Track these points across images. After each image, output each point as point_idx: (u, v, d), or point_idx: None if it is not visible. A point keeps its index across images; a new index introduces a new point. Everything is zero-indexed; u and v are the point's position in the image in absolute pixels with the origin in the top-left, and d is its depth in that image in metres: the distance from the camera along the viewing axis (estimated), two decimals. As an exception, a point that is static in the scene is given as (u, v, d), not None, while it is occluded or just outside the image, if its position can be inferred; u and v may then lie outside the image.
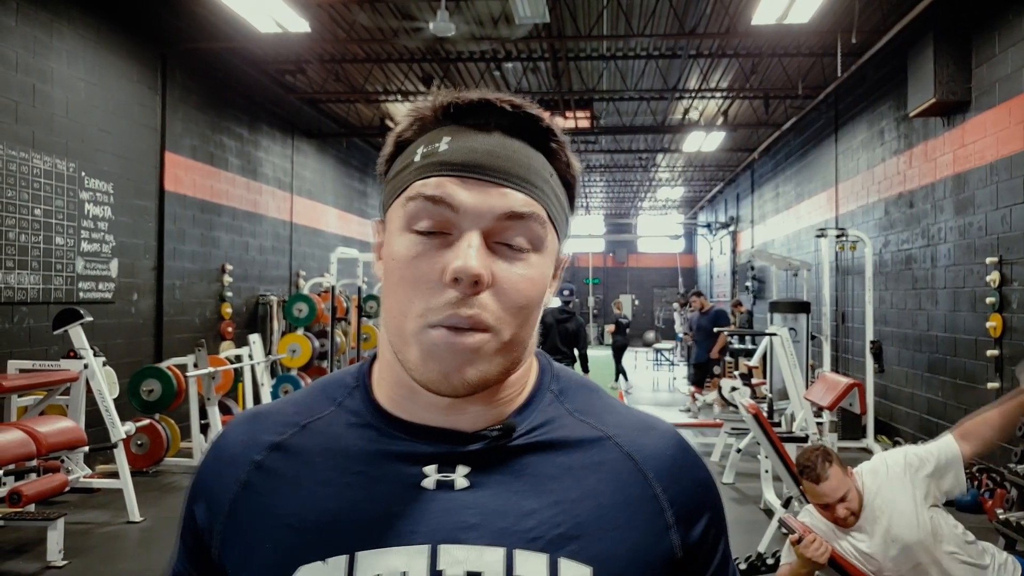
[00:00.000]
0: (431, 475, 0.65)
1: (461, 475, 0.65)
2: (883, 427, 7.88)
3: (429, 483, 0.64)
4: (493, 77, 9.80)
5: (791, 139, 11.74)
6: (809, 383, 6.43)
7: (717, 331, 8.82)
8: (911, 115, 6.78)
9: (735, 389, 6.52)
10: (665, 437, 0.71)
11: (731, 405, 6.61)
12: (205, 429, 6.49)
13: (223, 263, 8.52)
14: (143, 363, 6.68)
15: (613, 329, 12.74)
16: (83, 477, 4.83)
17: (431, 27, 6.63)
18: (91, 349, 5.14)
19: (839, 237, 8.05)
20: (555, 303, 7.26)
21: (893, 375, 7.80)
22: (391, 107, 11.21)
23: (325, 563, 0.62)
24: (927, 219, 7.06)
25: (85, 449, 4.73)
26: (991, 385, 5.78)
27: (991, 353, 5.80)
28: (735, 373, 8.05)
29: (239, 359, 7.34)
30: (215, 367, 6.49)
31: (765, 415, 5.08)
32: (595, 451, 0.68)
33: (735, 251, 17.27)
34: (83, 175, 6.23)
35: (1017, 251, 5.55)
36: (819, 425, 5.76)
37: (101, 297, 6.46)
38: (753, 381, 7.54)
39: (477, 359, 0.61)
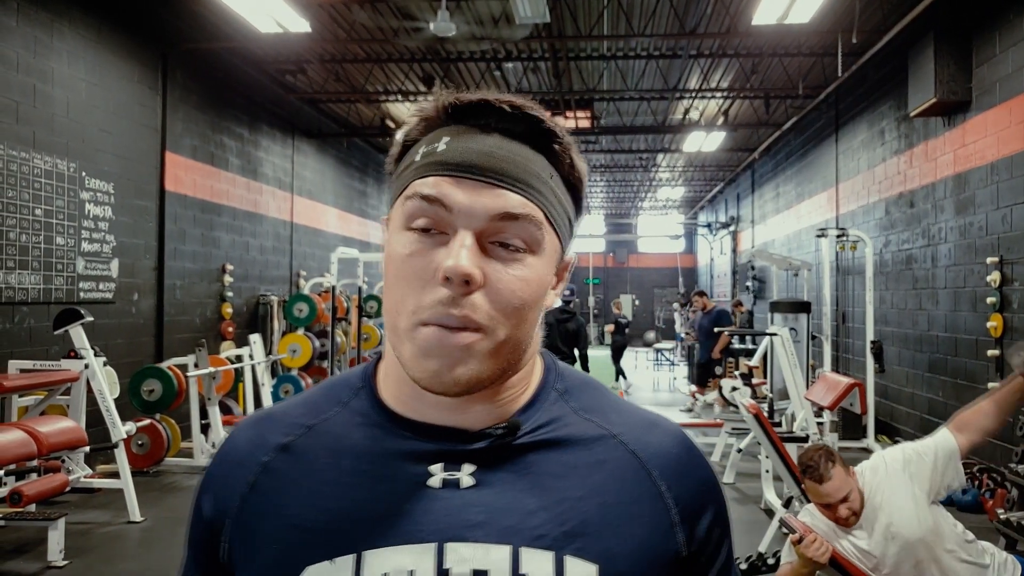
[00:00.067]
0: (437, 473, 0.65)
1: (467, 473, 0.65)
2: (883, 427, 7.88)
3: (435, 481, 0.65)
4: (493, 77, 9.80)
5: (791, 139, 11.74)
6: (809, 383, 6.43)
7: (719, 331, 8.83)
8: (912, 115, 6.77)
9: (736, 389, 6.50)
10: (670, 435, 0.71)
11: (732, 405, 6.61)
12: (206, 429, 6.49)
13: (224, 263, 8.52)
14: (144, 363, 6.68)
15: (612, 329, 12.74)
16: (84, 477, 4.82)
17: (431, 27, 6.63)
18: (92, 349, 5.14)
19: (839, 237, 8.04)
20: (556, 303, 7.25)
21: (893, 375, 7.79)
22: (391, 107, 11.20)
23: (332, 563, 0.62)
24: (928, 219, 7.06)
25: (86, 449, 4.73)
26: (992, 385, 5.77)
27: (992, 353, 5.80)
28: (736, 373, 8.05)
29: (240, 359, 7.34)
30: (216, 367, 6.50)
31: (766, 415, 5.07)
32: (600, 449, 0.68)
33: (735, 251, 17.26)
34: (84, 175, 6.23)
35: (1018, 251, 5.55)
36: (819, 425, 5.75)
37: (102, 297, 6.46)
38: (754, 381, 7.53)
39: (468, 358, 0.61)
